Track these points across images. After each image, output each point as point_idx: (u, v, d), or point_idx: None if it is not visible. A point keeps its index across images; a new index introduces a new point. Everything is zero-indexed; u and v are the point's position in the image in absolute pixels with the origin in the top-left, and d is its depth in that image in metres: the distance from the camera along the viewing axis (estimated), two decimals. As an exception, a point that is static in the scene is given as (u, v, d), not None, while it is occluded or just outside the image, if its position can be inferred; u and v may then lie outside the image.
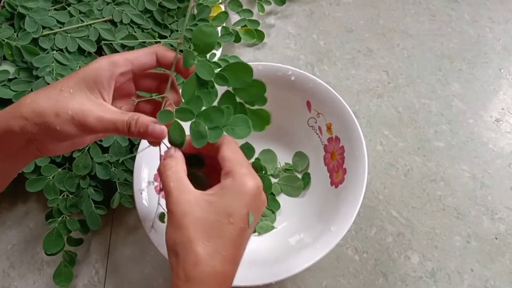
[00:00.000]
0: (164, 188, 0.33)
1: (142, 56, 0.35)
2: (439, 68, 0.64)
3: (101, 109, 0.33)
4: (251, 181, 0.33)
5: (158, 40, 0.60)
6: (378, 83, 0.63)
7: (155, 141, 0.35)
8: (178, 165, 0.34)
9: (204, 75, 0.34)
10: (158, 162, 0.49)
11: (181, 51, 0.35)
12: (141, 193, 0.46)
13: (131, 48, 0.59)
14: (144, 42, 0.58)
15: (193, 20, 0.62)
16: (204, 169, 0.39)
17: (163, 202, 0.36)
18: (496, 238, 0.51)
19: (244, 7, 0.66)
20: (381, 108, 0.61)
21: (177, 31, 0.62)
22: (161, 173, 0.34)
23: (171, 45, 0.53)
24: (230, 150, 0.34)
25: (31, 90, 0.53)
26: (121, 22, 0.60)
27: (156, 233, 0.44)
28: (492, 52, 0.65)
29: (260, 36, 0.67)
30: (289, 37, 0.69)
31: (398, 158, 0.57)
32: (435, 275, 0.50)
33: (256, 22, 0.66)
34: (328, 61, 0.66)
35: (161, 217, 0.45)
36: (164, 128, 0.34)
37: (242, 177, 0.33)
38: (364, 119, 0.60)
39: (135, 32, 0.60)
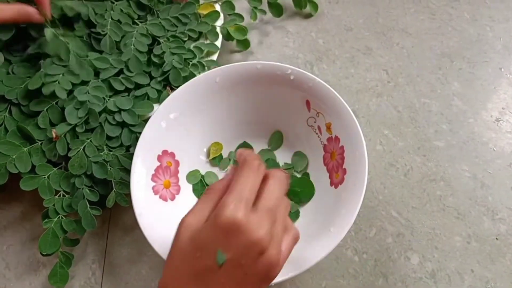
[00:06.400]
0: None
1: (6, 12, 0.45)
2: (439, 67, 0.64)
3: None
4: (224, 211, 0.27)
5: (136, 21, 0.59)
6: (378, 82, 0.63)
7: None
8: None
9: None
10: (156, 162, 0.49)
11: None
12: (138, 192, 0.46)
13: None
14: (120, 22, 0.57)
15: (178, 10, 0.60)
16: None
17: None
18: (496, 239, 0.51)
19: (240, 12, 0.64)
20: (381, 107, 0.61)
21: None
22: None
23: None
24: (235, 178, 0.30)
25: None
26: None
27: (152, 232, 0.43)
28: (492, 51, 0.65)
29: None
30: (288, 35, 0.68)
31: (398, 158, 0.57)
32: (435, 276, 0.49)
33: (241, 17, 0.65)
34: (327, 60, 0.65)
35: None
36: None
37: (220, 206, 0.28)
38: (364, 119, 0.60)
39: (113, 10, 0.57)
